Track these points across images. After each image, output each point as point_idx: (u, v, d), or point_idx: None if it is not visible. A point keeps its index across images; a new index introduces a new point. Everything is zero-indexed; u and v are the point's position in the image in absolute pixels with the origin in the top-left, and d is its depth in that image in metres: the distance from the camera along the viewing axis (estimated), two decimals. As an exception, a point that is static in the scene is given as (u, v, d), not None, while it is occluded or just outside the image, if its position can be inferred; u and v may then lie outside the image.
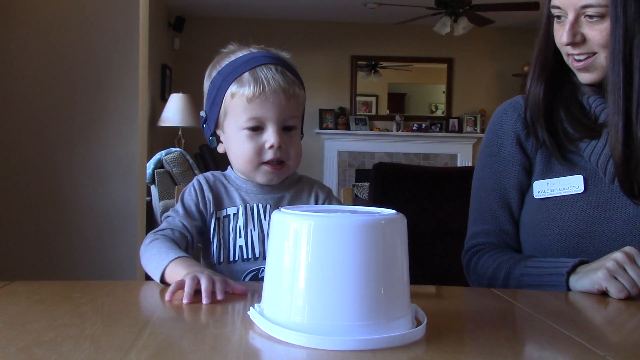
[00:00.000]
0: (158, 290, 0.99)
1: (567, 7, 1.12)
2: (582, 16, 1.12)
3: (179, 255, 0.98)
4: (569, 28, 1.12)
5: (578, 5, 1.11)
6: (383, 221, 0.71)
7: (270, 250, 0.76)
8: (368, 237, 0.69)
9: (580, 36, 1.13)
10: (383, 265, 0.70)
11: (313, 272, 0.70)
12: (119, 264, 2.51)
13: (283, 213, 0.74)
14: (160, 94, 6.13)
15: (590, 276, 0.98)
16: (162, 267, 0.97)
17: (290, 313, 0.71)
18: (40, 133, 2.45)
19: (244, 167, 1.12)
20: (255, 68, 1.08)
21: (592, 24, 1.11)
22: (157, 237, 1.06)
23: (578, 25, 1.12)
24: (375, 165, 2.35)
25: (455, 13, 5.63)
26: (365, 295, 0.68)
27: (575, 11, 1.11)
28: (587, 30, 1.12)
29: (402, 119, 7.32)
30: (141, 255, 1.06)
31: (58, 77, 2.46)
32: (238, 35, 4.78)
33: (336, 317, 0.69)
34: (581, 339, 0.76)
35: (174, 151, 4.10)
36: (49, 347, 0.66)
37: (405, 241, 0.73)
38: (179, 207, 1.13)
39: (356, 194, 5.01)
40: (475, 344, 0.72)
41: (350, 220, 0.70)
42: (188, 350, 0.68)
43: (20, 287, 0.97)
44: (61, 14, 2.46)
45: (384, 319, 0.69)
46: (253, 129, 1.08)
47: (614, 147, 1.10)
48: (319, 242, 0.70)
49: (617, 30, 1.08)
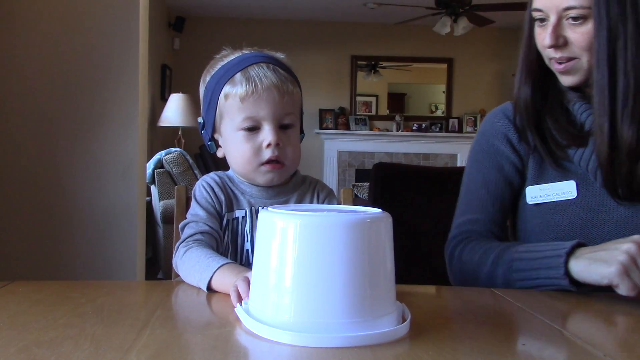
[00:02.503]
0: (158, 290, 0.99)
1: (549, 10, 1.12)
2: (564, 19, 1.11)
3: (221, 263, 0.95)
4: (551, 30, 1.11)
5: (560, 7, 1.10)
6: (369, 220, 0.72)
7: (257, 249, 0.77)
8: (354, 236, 0.70)
9: (563, 39, 1.12)
10: (369, 263, 0.71)
11: (299, 271, 0.71)
12: (119, 264, 2.51)
13: (269, 212, 0.74)
14: (160, 94, 6.13)
15: (600, 268, 0.94)
16: (207, 278, 0.93)
17: (277, 311, 0.72)
18: (40, 133, 2.45)
19: (244, 169, 1.11)
20: (247, 68, 1.08)
21: (575, 26, 1.10)
22: (190, 246, 1.03)
23: (560, 28, 1.12)
24: (375, 165, 2.35)
25: (455, 13, 5.63)
26: (351, 293, 0.69)
27: (558, 13, 1.11)
28: (570, 33, 1.11)
29: (402, 119, 7.32)
30: (178, 268, 1.02)
31: (58, 77, 2.46)
32: (238, 35, 4.77)
33: (322, 315, 0.70)
34: (581, 339, 0.76)
35: (174, 151, 4.10)
36: (49, 347, 0.66)
37: (391, 240, 0.74)
38: (198, 210, 1.10)
39: (356, 194, 5.01)
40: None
41: (336, 219, 0.71)
42: (188, 350, 0.69)
43: (20, 287, 0.97)
44: (61, 14, 2.46)
45: (369, 317, 0.70)
46: (249, 130, 1.07)
47: (599, 149, 1.10)
48: (305, 241, 0.71)
49: (601, 31, 1.07)
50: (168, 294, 0.97)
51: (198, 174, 4.13)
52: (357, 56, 7.32)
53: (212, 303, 0.90)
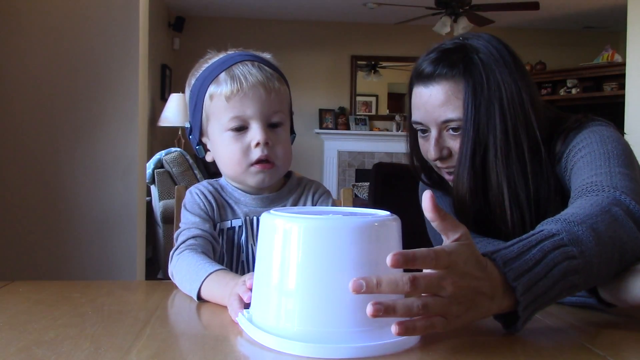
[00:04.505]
0: (158, 290, 0.99)
1: (429, 123, 1.12)
2: (444, 130, 1.11)
3: (207, 274, 0.90)
4: (434, 144, 1.11)
5: (439, 121, 1.10)
6: (377, 223, 0.69)
7: (259, 254, 0.73)
8: (361, 239, 0.67)
9: (447, 150, 1.12)
10: (377, 269, 0.66)
11: (303, 277, 0.67)
12: (119, 264, 2.51)
13: (272, 215, 0.71)
14: (160, 94, 6.13)
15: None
16: (195, 291, 0.90)
17: (280, 319, 0.69)
18: (40, 133, 2.45)
19: (233, 171, 1.07)
20: (231, 67, 1.05)
21: (456, 137, 1.10)
22: (182, 252, 0.99)
23: (442, 140, 1.12)
24: (375, 165, 2.35)
25: (455, 13, 5.62)
26: (358, 301, 0.64)
27: (438, 126, 1.11)
28: (452, 144, 1.11)
29: (402, 119, 7.31)
30: (172, 278, 1.00)
31: (58, 77, 2.46)
32: (238, 35, 4.78)
33: (327, 324, 0.66)
34: (581, 339, 0.76)
35: (173, 151, 4.10)
36: (49, 347, 0.66)
37: (399, 243, 0.71)
38: (190, 216, 1.06)
39: (356, 194, 5.01)
40: (472, 347, 0.72)
41: (343, 222, 0.67)
42: (188, 351, 0.68)
43: (20, 287, 0.97)
44: (61, 14, 2.46)
45: (377, 325, 0.66)
46: (237, 130, 1.03)
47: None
48: (310, 245, 0.67)
49: (467, 142, 1.07)
50: (168, 294, 0.97)
51: (198, 174, 4.13)
52: (357, 56, 7.32)
53: (212, 303, 0.90)
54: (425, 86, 1.11)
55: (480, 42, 1.11)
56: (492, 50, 1.10)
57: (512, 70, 1.09)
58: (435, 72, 1.10)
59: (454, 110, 1.08)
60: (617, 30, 6.94)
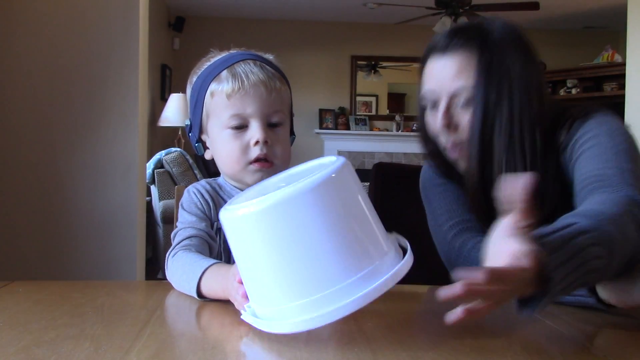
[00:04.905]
0: (158, 290, 0.99)
1: (440, 92, 1.12)
2: (454, 101, 1.11)
3: (203, 270, 0.91)
4: (443, 112, 1.11)
5: (451, 90, 1.10)
6: (333, 175, 0.67)
7: (234, 251, 0.74)
8: (323, 199, 0.66)
9: (454, 124, 1.12)
10: (350, 216, 0.67)
11: (279, 258, 0.67)
12: (119, 264, 2.51)
13: (226, 210, 0.71)
14: (160, 94, 6.13)
15: None
16: (194, 289, 0.90)
17: (280, 302, 0.68)
18: (41, 133, 2.45)
19: (232, 169, 1.07)
20: (233, 65, 1.05)
21: (465, 111, 1.10)
22: (175, 257, 0.99)
23: (452, 111, 1.11)
24: (375, 165, 2.35)
25: (455, 13, 5.62)
26: (338, 254, 0.66)
27: (448, 95, 1.11)
28: (461, 118, 1.11)
29: (402, 119, 7.32)
30: (170, 280, 1.00)
31: (58, 77, 2.46)
32: (238, 35, 4.77)
33: (319, 288, 0.66)
34: (581, 339, 0.76)
35: (173, 151, 4.10)
36: (49, 347, 0.66)
37: (357, 181, 0.71)
38: (186, 215, 1.07)
39: (356, 194, 5.00)
40: (472, 348, 0.72)
41: (299, 188, 0.66)
42: (188, 351, 0.68)
43: (20, 287, 0.97)
44: (61, 14, 2.46)
45: (362, 271, 0.66)
46: (237, 128, 1.04)
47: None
48: (279, 224, 0.66)
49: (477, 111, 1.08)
50: (168, 294, 0.97)
51: (198, 174, 4.13)
52: (357, 56, 7.32)
53: (212, 303, 0.90)
54: (440, 57, 1.12)
55: (496, 23, 1.13)
56: (508, 33, 1.11)
57: (524, 55, 1.10)
58: (451, 43, 1.11)
59: (466, 80, 1.09)
60: (617, 30, 6.94)
